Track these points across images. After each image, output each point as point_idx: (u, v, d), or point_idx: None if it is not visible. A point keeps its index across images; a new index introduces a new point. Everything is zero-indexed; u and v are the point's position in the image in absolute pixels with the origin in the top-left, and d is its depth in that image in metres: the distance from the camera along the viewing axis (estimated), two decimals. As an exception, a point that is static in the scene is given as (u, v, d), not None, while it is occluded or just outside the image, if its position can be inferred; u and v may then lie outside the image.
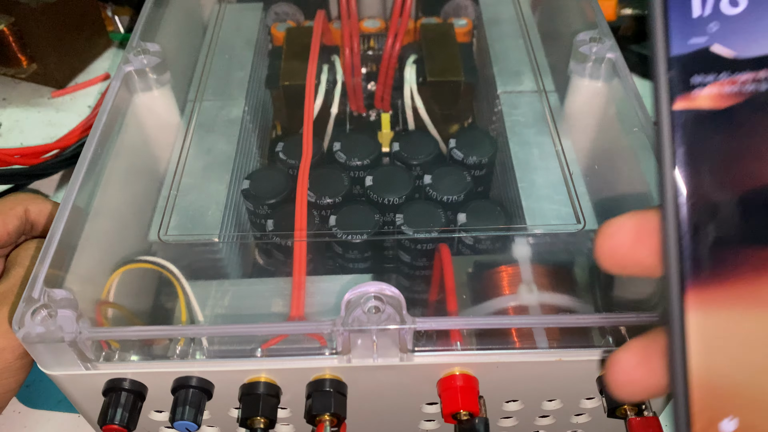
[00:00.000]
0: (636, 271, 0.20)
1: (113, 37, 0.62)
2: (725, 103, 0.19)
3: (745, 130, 0.19)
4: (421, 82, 0.42)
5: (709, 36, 0.19)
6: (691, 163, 0.19)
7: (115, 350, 0.27)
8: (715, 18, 0.19)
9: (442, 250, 0.32)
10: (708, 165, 0.19)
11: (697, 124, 0.19)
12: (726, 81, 0.19)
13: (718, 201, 0.19)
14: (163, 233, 0.32)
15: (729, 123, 0.19)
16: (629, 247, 0.20)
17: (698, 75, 0.19)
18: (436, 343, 0.27)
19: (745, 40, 0.19)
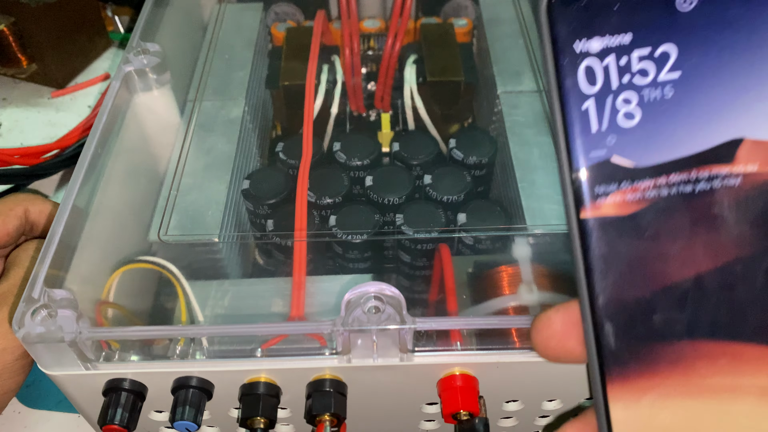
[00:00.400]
0: (570, 360, 0.21)
1: (113, 37, 0.62)
2: (629, 210, 0.20)
3: (649, 234, 0.20)
4: (421, 82, 0.42)
5: (608, 149, 0.20)
6: (600, 266, 0.20)
7: (115, 350, 0.27)
8: (613, 131, 0.20)
9: (442, 250, 0.32)
10: (616, 267, 0.20)
11: (603, 230, 0.20)
12: (628, 189, 0.20)
13: (628, 300, 0.20)
14: (163, 233, 0.32)
15: (634, 227, 0.20)
16: (559, 340, 0.21)
17: (601, 185, 0.20)
18: (436, 343, 0.27)
19: (642, 150, 0.19)
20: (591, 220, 0.20)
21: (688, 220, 0.19)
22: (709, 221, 0.19)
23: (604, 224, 0.20)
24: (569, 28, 0.19)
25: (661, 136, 0.19)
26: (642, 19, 0.19)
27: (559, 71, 0.20)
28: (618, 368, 0.19)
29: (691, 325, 0.19)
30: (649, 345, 0.19)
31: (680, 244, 0.19)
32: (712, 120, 0.19)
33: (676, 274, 0.19)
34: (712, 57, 0.19)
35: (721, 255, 0.19)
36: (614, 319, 0.20)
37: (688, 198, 0.19)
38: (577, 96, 0.20)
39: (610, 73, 0.19)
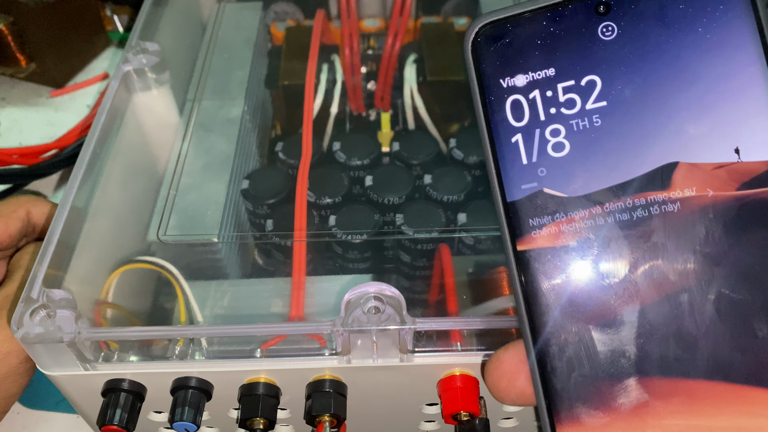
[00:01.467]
0: (523, 401, 0.21)
1: (112, 37, 0.62)
2: (565, 241, 0.19)
3: (588, 264, 0.19)
4: (422, 81, 0.42)
5: (540, 180, 0.20)
6: (540, 300, 0.19)
7: (114, 351, 0.27)
8: (543, 163, 0.20)
9: (442, 250, 0.32)
10: (557, 301, 0.19)
11: (541, 263, 0.19)
12: (563, 220, 0.19)
13: (572, 335, 0.19)
14: (162, 233, 0.32)
15: (572, 258, 0.19)
16: (509, 380, 0.20)
17: (535, 217, 0.20)
18: (436, 344, 0.27)
19: (574, 180, 0.19)
20: (527, 252, 0.20)
21: (629, 249, 0.19)
22: (650, 250, 0.19)
23: (540, 256, 0.19)
24: (494, 66, 0.20)
25: (593, 164, 0.19)
26: (565, 53, 0.19)
27: (486, 107, 0.20)
28: (566, 409, 0.19)
29: (640, 362, 0.19)
30: (598, 383, 0.19)
31: (622, 274, 0.19)
32: (643, 146, 0.19)
33: (619, 307, 0.19)
34: (636, 84, 0.19)
35: (666, 285, 0.19)
36: (558, 356, 0.19)
37: (627, 227, 0.19)
38: (505, 130, 0.20)
39: (537, 106, 0.20)
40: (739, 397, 0.18)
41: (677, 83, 0.19)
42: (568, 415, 0.19)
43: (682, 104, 0.19)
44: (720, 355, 0.18)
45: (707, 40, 0.19)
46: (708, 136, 0.19)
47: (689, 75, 0.19)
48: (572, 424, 0.19)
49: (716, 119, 0.19)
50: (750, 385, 0.18)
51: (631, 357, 0.19)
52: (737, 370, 0.18)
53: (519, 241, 0.20)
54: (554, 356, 0.19)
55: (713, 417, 0.18)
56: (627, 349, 0.19)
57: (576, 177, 0.19)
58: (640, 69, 0.19)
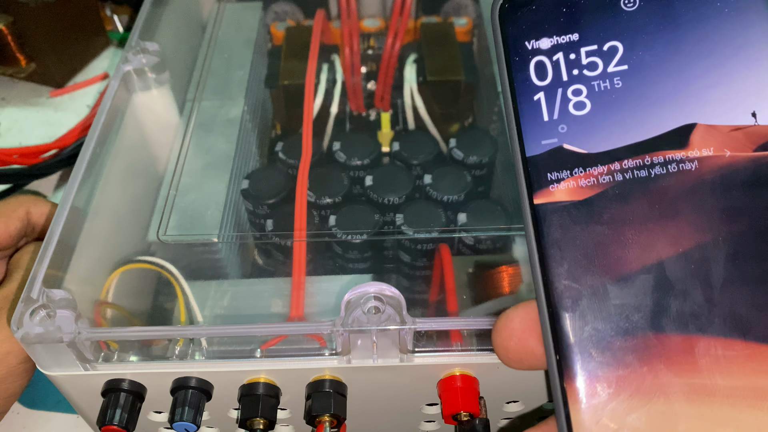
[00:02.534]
0: (532, 363, 0.20)
1: (112, 37, 0.62)
2: (583, 195, 0.20)
3: (605, 220, 0.19)
4: (422, 81, 0.42)
5: (559, 137, 0.20)
6: (555, 253, 0.19)
7: (114, 351, 0.27)
8: (564, 120, 0.20)
9: (443, 250, 0.32)
10: (572, 255, 0.19)
11: (557, 216, 0.20)
12: (581, 175, 0.20)
13: (586, 290, 0.19)
14: (162, 233, 0.32)
15: (589, 213, 0.19)
16: (518, 339, 0.20)
17: (553, 172, 0.20)
18: (436, 344, 0.27)
19: (594, 137, 0.20)
20: (544, 205, 0.20)
21: (645, 205, 0.19)
22: (666, 207, 0.19)
23: (557, 210, 0.20)
24: (520, 30, 0.21)
25: (612, 123, 0.20)
26: (588, 21, 0.20)
27: (510, 67, 0.20)
28: (578, 366, 0.18)
29: (655, 318, 0.18)
30: (611, 340, 0.18)
31: (637, 230, 0.19)
32: (662, 107, 0.19)
33: (634, 263, 0.19)
34: (658, 50, 0.20)
35: (681, 242, 0.19)
36: (572, 312, 0.19)
37: (644, 183, 0.19)
38: (528, 88, 0.20)
39: (561, 68, 0.20)
40: (756, 355, 0.17)
41: (696, 50, 0.19)
42: (580, 374, 0.18)
43: (701, 70, 0.19)
44: (737, 312, 0.18)
45: (725, 11, 0.19)
46: (726, 99, 0.19)
47: (708, 42, 0.19)
48: (584, 382, 0.18)
49: (734, 84, 0.19)
50: (766, 343, 0.18)
51: (645, 313, 0.18)
52: (755, 328, 0.18)
53: (536, 195, 0.20)
54: (567, 311, 0.19)
55: (729, 376, 0.17)
56: (641, 305, 0.18)
57: (595, 135, 0.20)
58: (661, 36, 0.20)
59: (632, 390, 0.18)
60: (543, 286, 0.19)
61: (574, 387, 0.18)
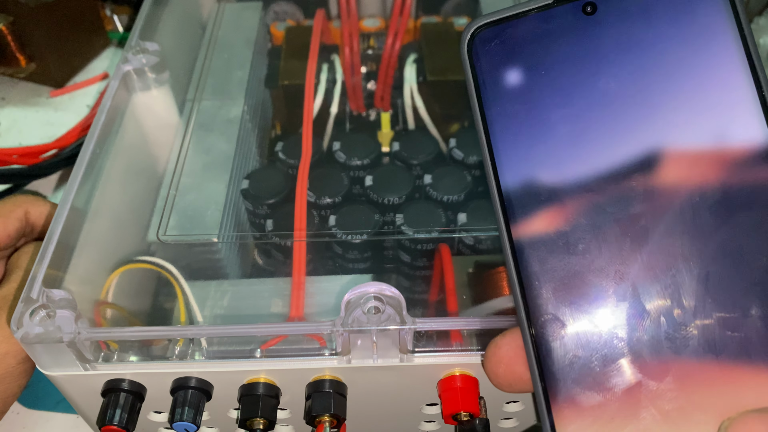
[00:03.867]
0: (521, 387, 0.21)
1: (112, 37, 0.62)
2: (558, 226, 0.20)
3: (581, 249, 0.20)
4: (422, 81, 0.42)
5: (534, 167, 0.20)
6: (535, 285, 0.20)
7: (114, 351, 0.27)
8: (536, 152, 0.20)
9: (442, 250, 0.32)
10: (551, 286, 0.20)
11: (535, 248, 0.20)
12: (555, 206, 0.20)
13: (566, 320, 0.19)
14: (162, 233, 0.32)
15: (565, 244, 0.20)
16: (507, 365, 0.21)
17: (530, 203, 0.20)
18: (436, 344, 0.27)
19: (564, 168, 0.20)
20: (522, 237, 0.20)
21: (620, 232, 0.19)
22: (640, 233, 0.19)
23: (535, 242, 0.20)
24: (489, 64, 0.21)
25: (584, 152, 0.20)
26: (555, 51, 0.21)
27: (481, 100, 0.21)
28: (562, 391, 0.19)
29: (633, 343, 0.19)
30: (592, 365, 0.19)
31: (614, 257, 0.19)
32: (633, 132, 0.20)
33: (611, 290, 0.19)
34: (625, 76, 0.20)
35: (656, 267, 0.19)
36: (553, 341, 0.19)
37: (618, 211, 0.20)
38: (500, 120, 0.21)
39: (531, 99, 0.21)
40: (731, 375, 0.18)
41: (662, 74, 0.20)
42: (565, 397, 0.19)
43: (669, 94, 0.20)
44: (710, 334, 0.18)
45: (688, 32, 0.20)
46: (692, 122, 0.19)
47: (673, 66, 0.20)
48: (568, 406, 0.19)
49: (700, 106, 0.19)
50: (740, 362, 0.18)
51: (624, 338, 0.19)
52: (728, 348, 0.18)
53: (514, 227, 0.20)
54: (549, 340, 0.19)
55: (706, 396, 0.18)
56: (620, 331, 0.19)
57: (567, 165, 0.20)
58: (628, 63, 0.20)
59: (613, 414, 0.19)
60: (525, 316, 0.20)
61: (560, 412, 0.19)
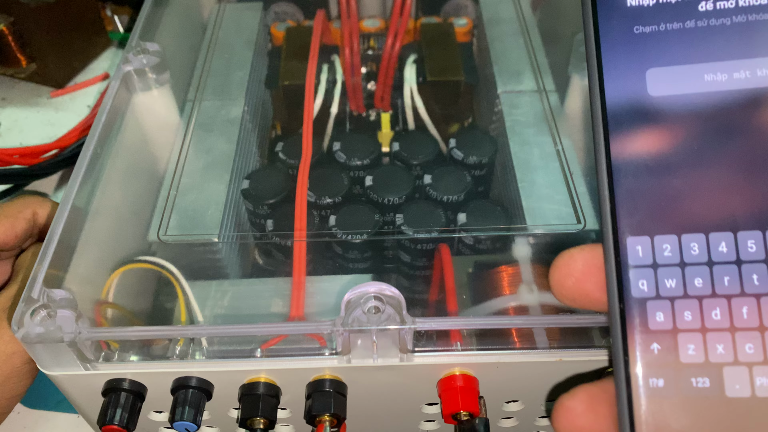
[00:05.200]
0: (585, 304, 0.20)
1: (112, 37, 0.62)
2: (662, 142, 0.19)
3: (683, 167, 0.19)
4: (421, 81, 0.42)
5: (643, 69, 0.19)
6: (628, 202, 0.19)
7: (115, 350, 0.27)
8: (648, 61, 0.19)
9: (442, 250, 0.32)
10: (646, 204, 0.19)
11: (633, 164, 0.19)
12: (660, 121, 0.19)
13: (658, 244, 0.18)
14: (162, 233, 0.32)
15: (665, 159, 0.19)
16: (576, 279, 0.20)
17: (631, 116, 0.19)
18: (436, 344, 0.27)
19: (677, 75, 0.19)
20: (621, 154, 0.19)
21: (723, 153, 0.18)
22: (743, 164, 0.18)
23: (634, 160, 0.19)
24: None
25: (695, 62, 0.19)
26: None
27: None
28: (643, 323, 0.18)
29: (724, 277, 0.18)
30: (676, 298, 0.18)
31: (713, 184, 0.18)
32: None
33: (715, 215, 0.18)
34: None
35: (757, 201, 0.18)
36: (641, 264, 0.18)
37: (726, 130, 0.18)
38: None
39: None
40: None
41: None
42: (645, 331, 0.18)
43: None
44: None
45: None
46: None
47: None
48: (649, 341, 0.18)
49: None
50: None
51: (712, 271, 0.18)
52: None
53: (613, 141, 0.19)
54: (636, 263, 0.18)
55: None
56: (710, 261, 0.18)
57: (682, 81, 0.19)
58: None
59: (692, 350, 0.18)
60: (613, 237, 0.19)
61: (635, 341, 0.18)
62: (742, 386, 0.17)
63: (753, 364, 0.17)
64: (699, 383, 0.18)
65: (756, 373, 0.17)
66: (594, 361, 0.26)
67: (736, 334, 0.18)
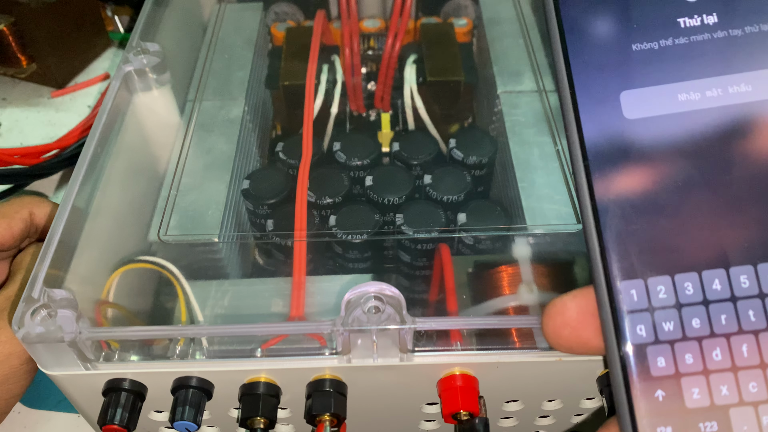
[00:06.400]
0: (584, 352, 0.19)
1: (113, 37, 0.62)
2: (648, 181, 0.18)
3: (674, 207, 0.18)
4: (421, 81, 0.42)
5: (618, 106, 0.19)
6: (618, 247, 0.18)
7: (115, 350, 0.27)
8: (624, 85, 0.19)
9: (442, 250, 0.32)
10: (637, 245, 0.18)
11: (620, 206, 0.18)
12: (644, 163, 0.18)
13: (651, 283, 0.18)
14: (162, 233, 0.32)
15: (655, 201, 0.18)
16: (573, 328, 0.19)
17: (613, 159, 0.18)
18: (436, 343, 0.27)
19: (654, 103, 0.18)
20: (606, 195, 0.18)
21: (713, 194, 0.18)
22: (733, 198, 0.18)
23: (620, 199, 0.18)
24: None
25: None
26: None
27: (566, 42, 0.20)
28: (644, 370, 0.17)
29: (724, 315, 0.17)
30: (677, 341, 0.17)
31: (704, 219, 0.18)
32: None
33: (705, 251, 0.18)
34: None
35: (747, 234, 0.17)
36: (637, 308, 0.18)
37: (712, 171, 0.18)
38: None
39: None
40: None
41: None
42: (646, 376, 0.18)
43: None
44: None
45: None
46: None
47: None
48: (651, 386, 0.18)
49: None
50: None
51: (712, 309, 0.18)
52: None
53: (597, 182, 0.18)
54: (632, 311, 0.18)
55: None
56: (707, 300, 0.18)
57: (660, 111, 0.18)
58: None
59: (696, 393, 0.17)
60: (605, 282, 0.18)
61: (642, 393, 0.17)
62: (750, 427, 0.17)
63: (758, 403, 0.17)
64: (707, 428, 0.17)
65: (762, 412, 0.17)
66: (594, 361, 0.26)
67: (739, 374, 0.17)
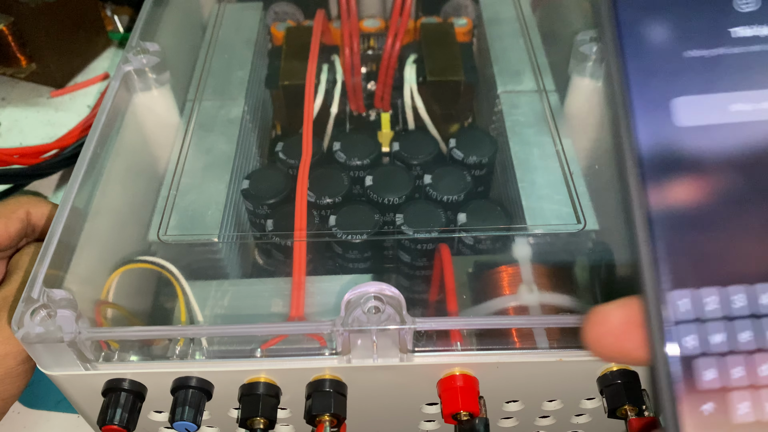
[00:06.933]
0: (625, 361, 0.19)
1: (112, 37, 0.62)
2: (703, 193, 0.18)
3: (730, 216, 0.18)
4: (421, 81, 0.42)
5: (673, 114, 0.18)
6: (669, 253, 0.18)
7: (115, 350, 0.27)
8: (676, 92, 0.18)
9: (442, 250, 0.32)
10: (688, 254, 0.18)
11: (675, 216, 0.18)
12: (699, 172, 0.18)
13: (701, 294, 0.17)
14: (162, 233, 0.32)
15: (711, 211, 0.18)
16: (616, 338, 0.19)
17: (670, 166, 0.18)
18: (436, 344, 0.27)
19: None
20: (660, 205, 0.18)
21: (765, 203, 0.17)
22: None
23: (675, 209, 0.18)
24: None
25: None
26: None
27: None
28: (692, 383, 0.17)
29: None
30: (727, 354, 0.17)
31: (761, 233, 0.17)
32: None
33: (757, 262, 0.17)
34: None
35: None
36: (686, 319, 0.17)
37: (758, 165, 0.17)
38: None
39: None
40: None
41: None
42: (695, 392, 0.17)
43: None
44: None
45: None
46: None
47: None
48: (695, 392, 0.17)
49: None
50: None
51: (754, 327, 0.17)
52: None
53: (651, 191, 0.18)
54: (684, 324, 0.17)
55: None
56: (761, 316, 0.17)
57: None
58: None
59: (743, 408, 0.17)
60: (656, 293, 0.18)
61: (685, 403, 0.17)
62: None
63: None
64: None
65: None
66: (594, 362, 0.26)
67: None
